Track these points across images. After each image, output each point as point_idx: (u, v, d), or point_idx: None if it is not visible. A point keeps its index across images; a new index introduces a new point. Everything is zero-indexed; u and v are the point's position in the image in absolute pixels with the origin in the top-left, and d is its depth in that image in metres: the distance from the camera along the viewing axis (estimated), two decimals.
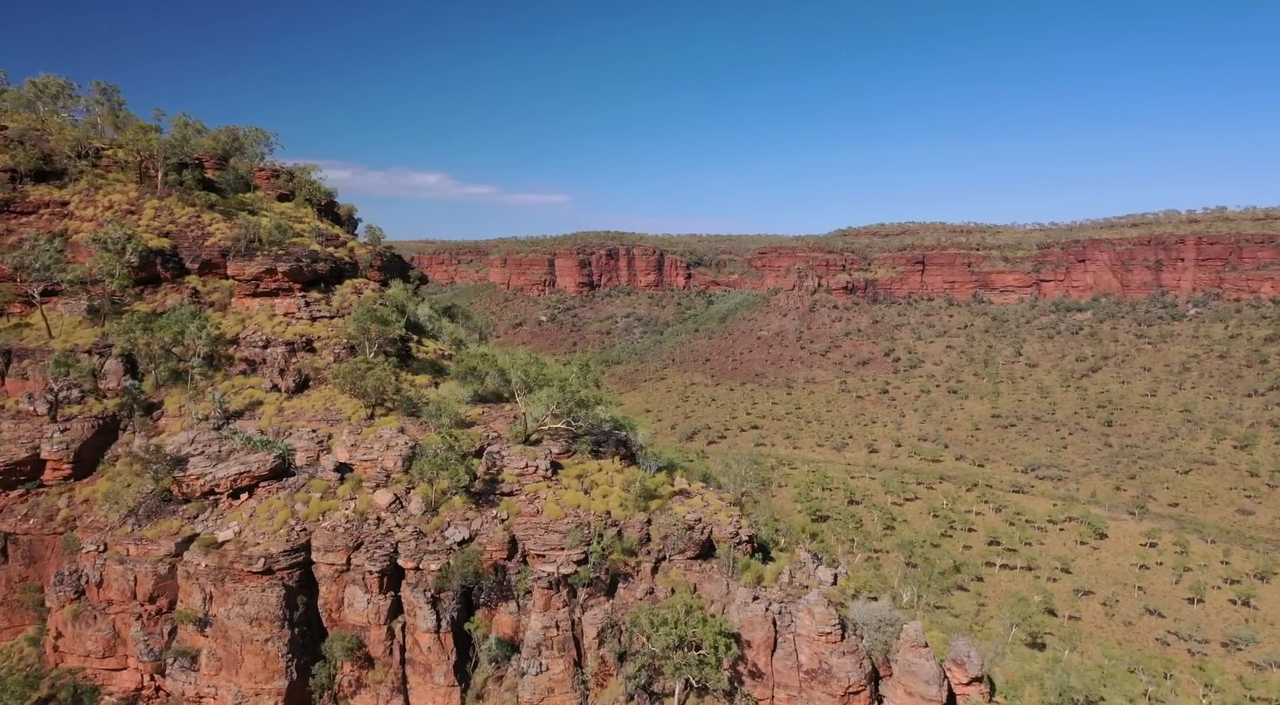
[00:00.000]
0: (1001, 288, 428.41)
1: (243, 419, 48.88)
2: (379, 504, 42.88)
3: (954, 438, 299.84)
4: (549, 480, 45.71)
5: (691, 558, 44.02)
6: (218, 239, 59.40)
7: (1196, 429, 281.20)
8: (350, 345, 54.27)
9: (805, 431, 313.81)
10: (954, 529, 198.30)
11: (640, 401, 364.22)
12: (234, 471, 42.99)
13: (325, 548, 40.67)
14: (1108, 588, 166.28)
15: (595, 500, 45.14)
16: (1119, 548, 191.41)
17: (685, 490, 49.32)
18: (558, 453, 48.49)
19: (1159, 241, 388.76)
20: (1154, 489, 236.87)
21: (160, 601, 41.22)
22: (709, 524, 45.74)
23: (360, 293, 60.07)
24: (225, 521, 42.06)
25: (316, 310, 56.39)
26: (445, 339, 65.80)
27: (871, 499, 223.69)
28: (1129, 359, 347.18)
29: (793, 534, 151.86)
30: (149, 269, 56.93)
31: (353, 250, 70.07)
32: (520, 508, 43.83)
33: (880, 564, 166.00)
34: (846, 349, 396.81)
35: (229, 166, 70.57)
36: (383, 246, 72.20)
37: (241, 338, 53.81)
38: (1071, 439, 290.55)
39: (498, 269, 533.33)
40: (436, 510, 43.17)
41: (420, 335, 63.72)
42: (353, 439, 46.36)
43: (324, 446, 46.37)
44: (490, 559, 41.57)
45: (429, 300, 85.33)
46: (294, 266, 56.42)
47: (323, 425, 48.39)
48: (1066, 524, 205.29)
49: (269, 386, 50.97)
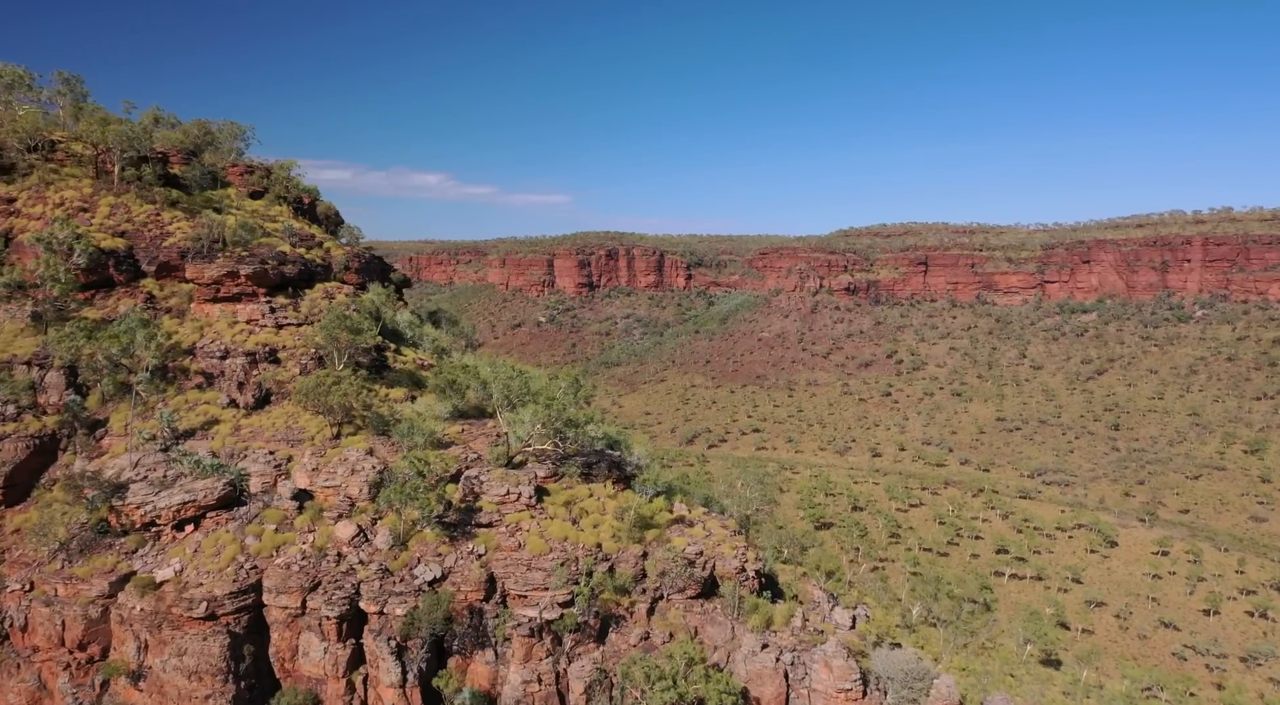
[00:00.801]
0: (1005, 289, 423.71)
1: (195, 439, 44.13)
2: (340, 537, 38.13)
3: (958, 441, 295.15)
4: (533, 509, 40.95)
5: (692, 597, 39.27)
6: (178, 239, 54.71)
7: (1205, 433, 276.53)
8: (318, 356, 49.54)
9: (807, 435, 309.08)
10: (961, 536, 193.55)
11: (640, 404, 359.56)
12: (177, 501, 38.25)
13: (278, 588, 35.92)
14: (1120, 599, 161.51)
15: (584, 531, 40.39)
16: (1130, 556, 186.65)
17: (685, 518, 44.56)
18: (544, 476, 43.74)
19: (1165, 242, 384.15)
20: (1163, 495, 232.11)
21: (91, 649, 36.49)
22: (711, 557, 40.98)
23: (332, 298, 55.32)
24: (167, 558, 37.31)
25: (283, 317, 51.65)
26: (427, 347, 61.06)
27: (875, 505, 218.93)
28: (1135, 361, 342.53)
29: (796, 543, 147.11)
30: (100, 272, 52.23)
31: (329, 251, 65.33)
32: (500, 541, 39.08)
33: (887, 575, 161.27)
34: (849, 351, 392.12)
35: (195, 161, 65.82)
36: (361, 247, 67.44)
37: (199, 348, 49.07)
38: (1078, 443, 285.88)
39: (496, 269, 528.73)
40: (405, 544, 38.44)
41: (399, 343, 58.98)
42: (314, 462, 41.62)
43: (282, 471, 41.63)
44: (465, 601, 36.82)
45: (413, 305, 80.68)
46: (258, 269, 51.67)
47: (283, 446, 43.62)
48: (1076, 531, 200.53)
49: (225, 402, 46.24)
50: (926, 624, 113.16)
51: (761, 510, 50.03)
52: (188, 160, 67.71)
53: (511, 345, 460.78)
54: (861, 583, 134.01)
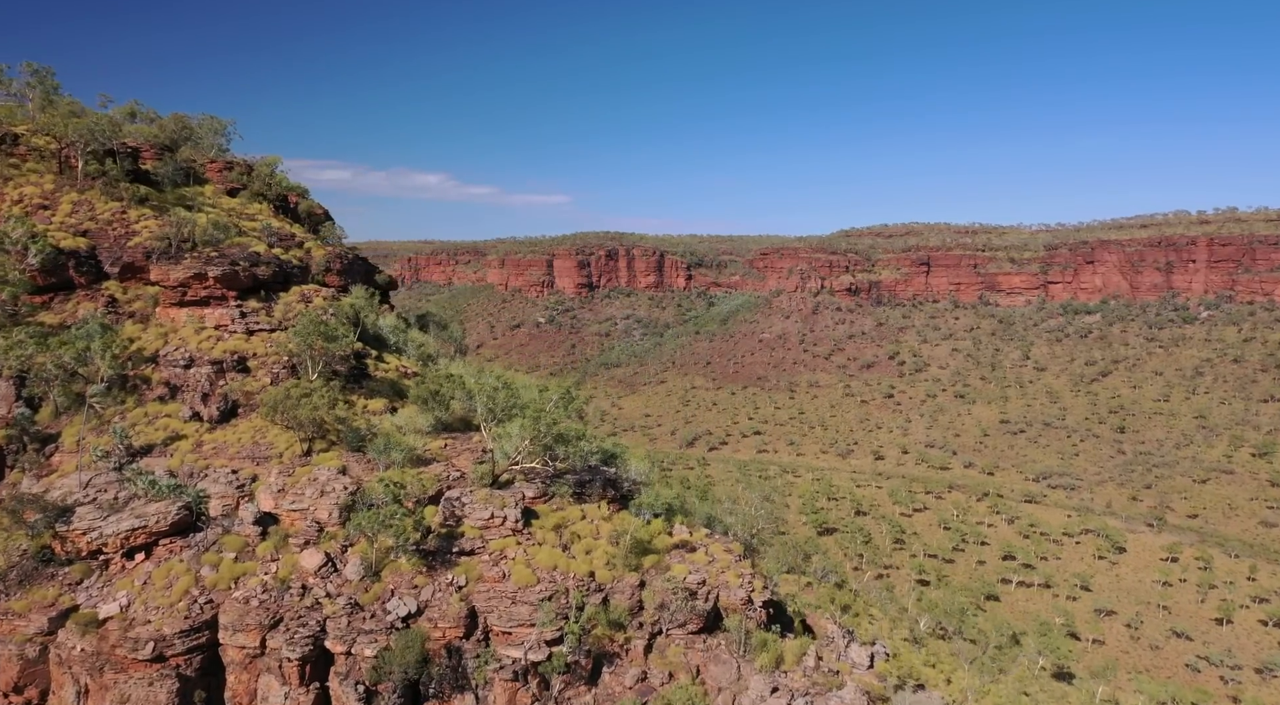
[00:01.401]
0: (1008, 290, 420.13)
1: (153, 455, 40.58)
2: (306, 567, 34.58)
3: (962, 444, 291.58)
4: (520, 534, 37.40)
5: (694, 632, 35.72)
6: (144, 239, 51.20)
7: (1212, 436, 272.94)
8: (291, 364, 45.99)
9: (809, 437, 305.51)
10: (966, 542, 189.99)
11: (639, 406, 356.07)
12: (126, 527, 34.71)
13: (234, 626, 32.37)
14: (1130, 607, 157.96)
15: (576, 559, 36.85)
16: (1139, 562, 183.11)
17: (686, 542, 41.01)
18: (532, 497, 40.19)
19: (1169, 243, 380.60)
20: (1171, 499, 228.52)
21: (29, 692, 32.95)
22: (715, 587, 37.45)
23: (309, 301, 51.75)
24: (113, 590, 33.77)
25: (254, 322, 48.10)
26: (412, 354, 57.52)
27: (879, 510, 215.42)
28: (1140, 363, 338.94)
29: (799, 550, 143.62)
30: (59, 273, 48.71)
31: (309, 252, 61.85)
32: (482, 571, 35.52)
33: (892, 583, 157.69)
34: (850, 352, 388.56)
35: (168, 156, 62.28)
36: (342, 247, 63.89)
37: (162, 355, 45.52)
38: (1083, 446, 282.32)
39: (496, 270, 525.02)
40: (378, 574, 34.89)
41: (381, 350, 55.42)
42: (281, 482, 38.07)
43: (245, 492, 38.07)
44: (442, 638, 33.28)
45: (408, 307, 77.10)
46: (228, 271, 48.13)
47: (248, 464, 40.06)
48: (1083, 537, 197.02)
49: (188, 415, 42.69)
50: (935, 636, 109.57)
51: (767, 528, 46.38)
52: (161, 156, 64.18)
53: (510, 346, 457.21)
54: (866, 591, 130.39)
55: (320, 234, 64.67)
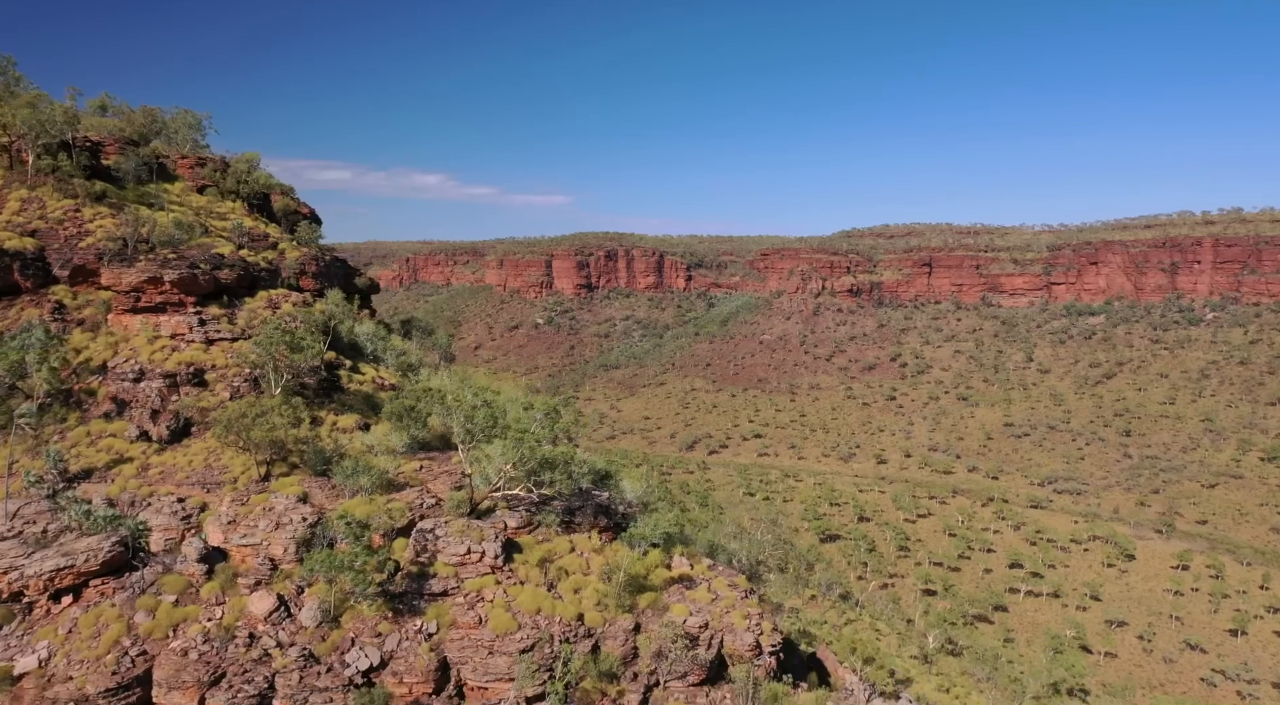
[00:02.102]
0: (1011, 291, 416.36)
1: (92, 480, 36.48)
2: (255, 612, 30.47)
3: (965, 448, 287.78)
4: (499, 571, 33.30)
5: (695, 684, 31.65)
6: (98, 239, 47.11)
7: (1220, 439, 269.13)
8: (254, 377, 41.90)
9: (810, 440, 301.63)
10: (972, 549, 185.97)
11: (639, 408, 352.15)
12: (50, 567, 30.57)
13: (169, 682, 28.26)
14: (1142, 618, 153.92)
15: (563, 600, 32.78)
16: (1149, 570, 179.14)
17: (686, 576, 36.95)
18: (515, 527, 36.11)
19: (1174, 243, 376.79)
20: (1180, 504, 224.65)
21: None
22: (719, 630, 33.39)
23: (278, 307, 47.65)
24: (34, 639, 29.67)
25: (214, 331, 43.99)
26: (391, 364, 53.40)
27: (882, 515, 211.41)
28: (1145, 365, 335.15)
29: (802, 559, 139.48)
30: (3, 277, 44.62)
31: (283, 253, 57.81)
32: (456, 615, 31.41)
33: (898, 593, 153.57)
34: (852, 354, 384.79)
35: (130, 151, 58.16)
36: (318, 248, 59.78)
37: (110, 368, 41.42)
38: (1089, 449, 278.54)
39: (494, 270, 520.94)
40: (337, 620, 30.80)
41: (357, 359, 51.32)
42: (232, 512, 33.96)
43: (191, 524, 33.96)
44: (409, 695, 29.20)
45: (393, 311, 72.97)
46: (186, 274, 44.01)
47: (197, 491, 35.94)
48: (1091, 544, 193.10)
49: (135, 434, 38.56)
50: (945, 652, 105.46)
51: (775, 554, 42.38)
52: (126, 151, 60.07)
53: (509, 347, 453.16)
54: (872, 603, 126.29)
55: (296, 234, 60.53)
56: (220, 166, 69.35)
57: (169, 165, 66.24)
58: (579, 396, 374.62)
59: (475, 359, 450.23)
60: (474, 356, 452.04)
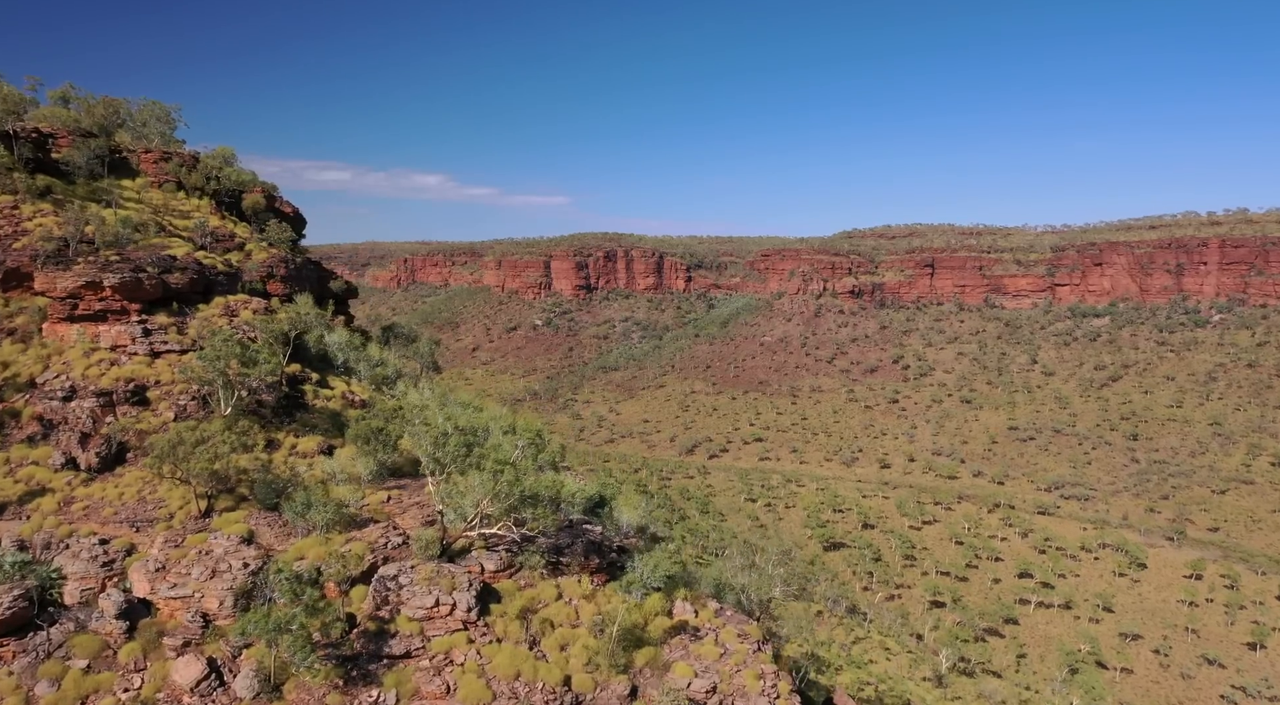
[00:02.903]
0: (1014, 292, 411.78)
1: (5, 517, 31.76)
2: (179, 681, 25.75)
3: (970, 452, 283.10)
4: (473, 627, 28.59)
5: None
6: (35, 238, 42.39)
7: (1229, 444, 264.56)
8: (204, 395, 37.21)
9: (812, 444, 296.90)
10: (979, 558, 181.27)
11: (638, 411, 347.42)
12: None
13: None
14: (1157, 630, 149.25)
15: (547, 661, 28.08)
16: (1161, 580, 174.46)
17: (690, 625, 32.24)
18: (493, 571, 31.40)
19: (1180, 244, 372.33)
20: (1190, 511, 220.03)
21: None
22: (729, 694, 28.69)
23: (235, 314, 42.96)
24: None
25: (161, 342, 39.30)
26: (364, 377, 48.67)
27: (887, 522, 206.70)
28: (1151, 367, 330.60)
29: (803, 576, 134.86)
30: None
31: (249, 255, 53.09)
32: (420, 683, 26.72)
33: (905, 605, 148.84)
34: (853, 356, 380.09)
35: (81, 143, 53.43)
36: (287, 250, 55.03)
37: (39, 385, 36.72)
38: (1095, 453, 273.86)
39: (492, 271, 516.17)
40: (279, 690, 26.08)
41: (326, 372, 46.58)
42: (163, 556, 29.25)
43: (115, 571, 29.26)
44: None
45: (377, 316, 68.14)
46: (129, 278, 39.33)
47: (124, 530, 31.22)
48: (1101, 552, 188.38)
49: (60, 462, 33.87)
50: (958, 671, 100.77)
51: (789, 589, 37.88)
52: (79, 143, 55.34)
53: (507, 349, 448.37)
54: (879, 616, 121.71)
55: (265, 233, 55.80)
56: (189, 161, 64.51)
57: (132, 160, 61.55)
58: (577, 399, 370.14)
59: (473, 360, 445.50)
60: (472, 358, 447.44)
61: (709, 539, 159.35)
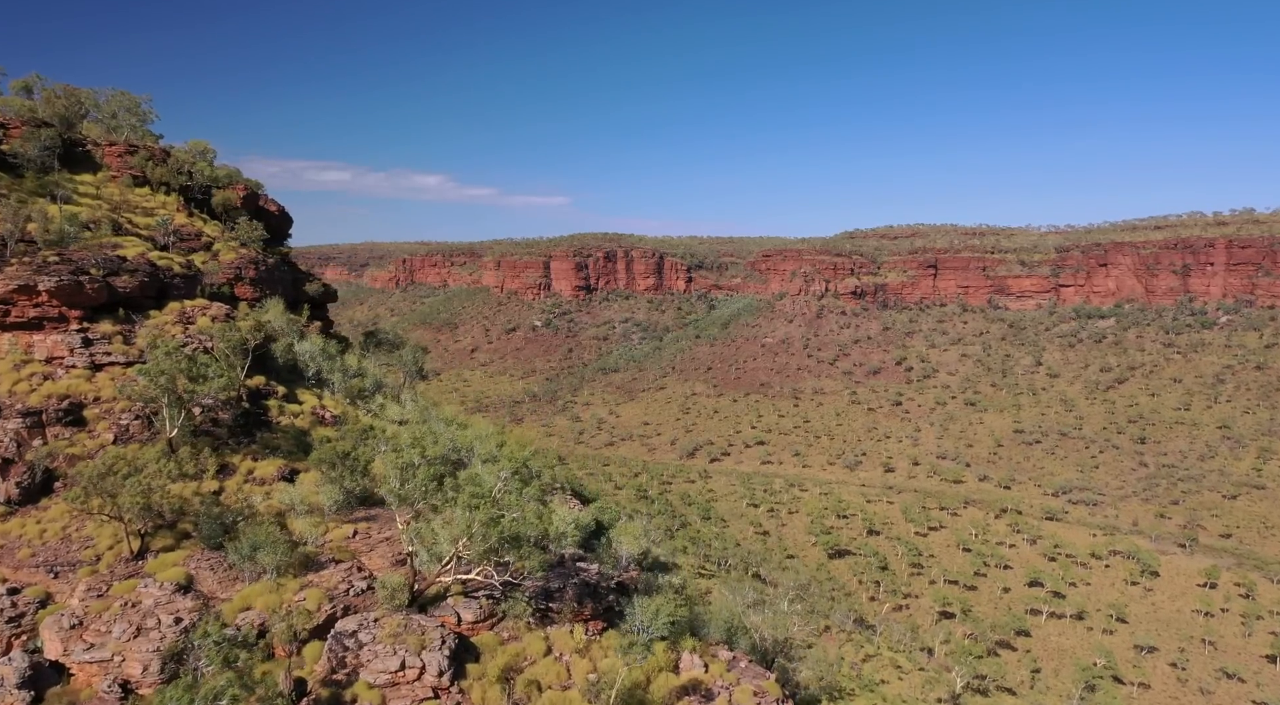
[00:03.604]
0: (1018, 293, 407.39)
1: None
2: None
3: (975, 455, 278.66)
4: (445, 693, 24.33)
5: None
6: None
7: (1238, 447, 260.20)
8: (148, 413, 32.94)
9: (815, 448, 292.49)
10: (988, 566, 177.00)
11: (638, 414, 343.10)
12: None
13: None
14: (1172, 642, 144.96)
15: None
16: (1174, 589, 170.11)
17: (700, 682, 27.98)
18: (471, 621, 27.15)
19: (1186, 245, 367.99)
20: (1201, 517, 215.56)
21: None
22: None
23: (191, 321, 38.69)
24: None
25: (104, 353, 35.08)
26: (339, 389, 44.35)
27: (892, 528, 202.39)
28: (1158, 369, 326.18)
29: (811, 592, 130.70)
30: None
31: (216, 255, 48.88)
32: None
33: (914, 617, 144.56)
34: (856, 357, 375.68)
35: (33, 134, 49.15)
36: (259, 250, 50.73)
37: None
38: (1103, 457, 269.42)
39: (491, 272, 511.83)
40: None
41: (295, 385, 42.27)
42: (82, 609, 25.01)
43: (23, 627, 25.00)
44: None
45: (361, 321, 63.83)
46: (68, 282, 35.10)
47: (41, 576, 26.95)
48: (1112, 559, 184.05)
49: None
50: (973, 690, 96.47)
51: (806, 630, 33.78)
52: (31, 134, 51.11)
53: (505, 351, 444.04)
54: (888, 630, 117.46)
55: (236, 231, 51.50)
56: (158, 155, 60.28)
57: (96, 153, 57.38)
58: (577, 401, 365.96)
59: (472, 362, 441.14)
60: (470, 359, 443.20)
61: (712, 548, 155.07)
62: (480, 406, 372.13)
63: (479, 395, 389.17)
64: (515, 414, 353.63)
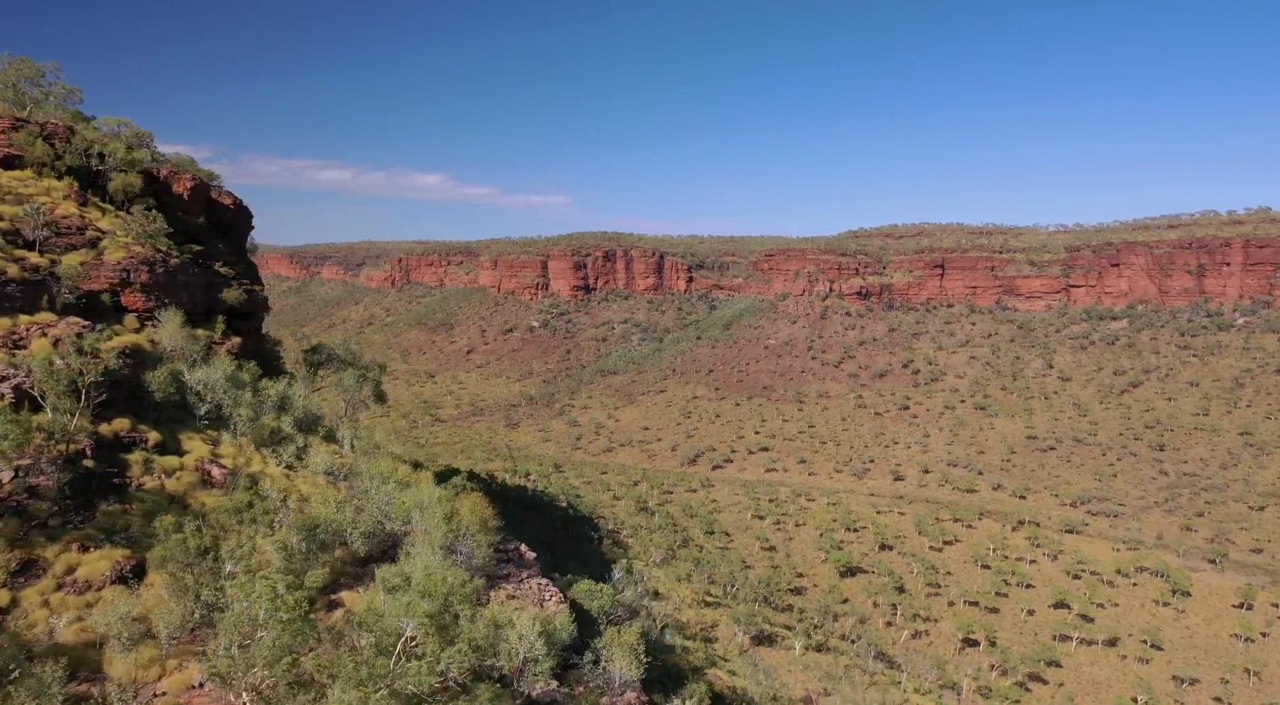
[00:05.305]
0: (1028, 293, 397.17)
1: None
2: None
3: (987, 463, 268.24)
4: None
5: None
6: None
7: (1262, 454, 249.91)
8: None
9: (821, 454, 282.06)
10: (1009, 585, 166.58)
11: (638, 417, 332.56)
12: None
13: None
14: (1213, 672, 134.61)
15: None
16: (1208, 610, 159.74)
17: None
18: None
19: (1201, 244, 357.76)
20: (1229, 529, 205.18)
21: None
22: None
23: (21, 344, 28.15)
24: None
25: None
26: (243, 430, 33.78)
27: (905, 542, 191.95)
28: (1173, 373, 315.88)
29: (824, 612, 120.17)
30: None
31: (101, 253, 38.33)
32: None
33: (935, 645, 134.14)
34: (861, 360, 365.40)
35: None
36: (158, 248, 40.07)
37: None
38: (1120, 465, 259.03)
39: (488, 271, 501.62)
40: None
41: (180, 428, 31.69)
42: None
43: None
44: None
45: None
46: None
47: None
48: (1139, 577, 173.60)
49: None
50: None
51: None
52: None
53: (502, 352, 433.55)
54: (911, 664, 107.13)
55: (129, 224, 40.89)
56: (61, 133, 49.60)
57: None
58: (574, 404, 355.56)
59: (468, 363, 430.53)
60: (466, 361, 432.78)
61: (718, 571, 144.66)
62: (476, 410, 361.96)
63: (474, 398, 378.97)
64: (511, 418, 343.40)
